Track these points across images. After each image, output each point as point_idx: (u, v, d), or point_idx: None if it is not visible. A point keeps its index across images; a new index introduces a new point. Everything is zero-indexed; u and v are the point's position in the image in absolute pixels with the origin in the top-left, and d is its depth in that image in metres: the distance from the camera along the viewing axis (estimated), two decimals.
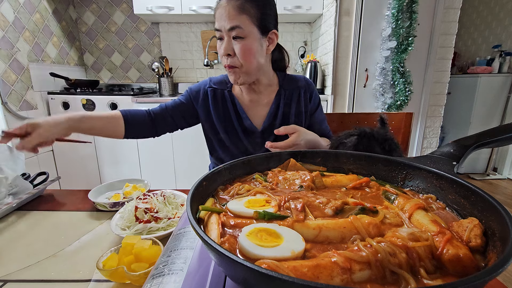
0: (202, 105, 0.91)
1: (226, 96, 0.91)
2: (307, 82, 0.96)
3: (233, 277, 0.26)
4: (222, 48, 0.78)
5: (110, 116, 0.82)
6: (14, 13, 1.88)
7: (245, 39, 0.76)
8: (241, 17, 0.75)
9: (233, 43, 0.77)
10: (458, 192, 0.35)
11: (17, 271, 0.49)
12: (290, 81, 0.94)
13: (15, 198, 0.72)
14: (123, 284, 0.45)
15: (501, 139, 0.42)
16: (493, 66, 2.90)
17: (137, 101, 2.06)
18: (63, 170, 2.19)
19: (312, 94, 0.96)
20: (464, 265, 0.25)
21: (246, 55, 0.78)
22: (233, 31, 0.75)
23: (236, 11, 0.74)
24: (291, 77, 0.96)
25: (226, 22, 0.75)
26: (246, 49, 0.77)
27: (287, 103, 0.92)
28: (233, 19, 0.74)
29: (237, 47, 0.77)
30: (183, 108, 0.92)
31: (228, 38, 0.77)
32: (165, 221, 0.59)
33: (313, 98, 0.96)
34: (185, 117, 0.93)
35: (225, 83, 0.93)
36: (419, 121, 2.11)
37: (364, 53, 1.99)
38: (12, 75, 1.86)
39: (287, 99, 0.92)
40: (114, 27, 2.59)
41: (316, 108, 0.98)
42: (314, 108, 0.97)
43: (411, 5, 1.84)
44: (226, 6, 0.74)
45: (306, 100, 0.94)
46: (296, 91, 0.93)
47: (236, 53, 0.77)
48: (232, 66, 0.80)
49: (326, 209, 0.34)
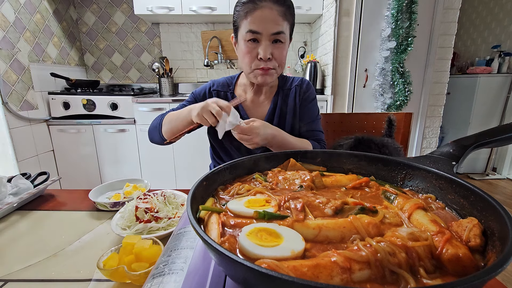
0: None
1: (229, 97, 0.92)
2: (303, 81, 0.97)
3: (233, 277, 0.26)
4: (262, 51, 0.77)
5: None
6: (14, 14, 1.88)
7: (284, 43, 0.79)
8: (284, 23, 0.77)
9: (271, 47, 0.78)
10: (458, 192, 0.35)
11: (18, 271, 0.49)
12: (287, 81, 0.96)
13: (15, 198, 0.72)
14: (123, 283, 0.45)
15: (500, 139, 0.43)
16: (493, 66, 2.91)
17: (138, 101, 2.06)
18: (63, 170, 2.19)
19: (307, 89, 0.95)
20: (463, 265, 0.25)
21: (283, 59, 0.81)
22: (278, 36, 0.77)
23: (281, 16, 0.76)
24: (289, 78, 0.97)
25: (271, 26, 0.75)
26: (284, 54, 0.81)
27: (284, 102, 0.93)
28: (279, 24, 0.75)
29: (278, 51, 0.78)
30: None
31: (269, 42, 0.77)
32: (165, 221, 0.59)
33: (308, 92, 0.95)
34: None
35: (227, 85, 0.94)
36: (418, 121, 2.11)
37: (364, 54, 1.99)
38: (13, 75, 1.86)
39: (284, 98, 0.93)
40: (114, 27, 2.59)
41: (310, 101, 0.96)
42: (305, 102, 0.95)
43: (411, 5, 1.84)
44: (271, 10, 0.74)
45: (301, 94, 0.95)
46: (293, 90, 0.94)
47: (275, 56, 0.79)
48: (270, 68, 0.80)
49: (326, 209, 0.35)
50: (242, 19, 0.77)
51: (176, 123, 0.83)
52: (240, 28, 0.79)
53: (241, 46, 0.81)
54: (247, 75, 0.86)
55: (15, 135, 1.85)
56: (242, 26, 0.78)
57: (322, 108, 2.09)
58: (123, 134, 2.13)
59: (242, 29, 0.78)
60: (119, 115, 2.10)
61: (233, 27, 0.84)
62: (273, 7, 0.74)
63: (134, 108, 2.08)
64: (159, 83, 2.49)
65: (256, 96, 0.93)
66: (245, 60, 0.81)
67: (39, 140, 2.04)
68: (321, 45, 2.29)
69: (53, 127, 2.10)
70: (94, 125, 2.10)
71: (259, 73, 0.81)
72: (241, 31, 0.79)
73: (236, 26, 0.82)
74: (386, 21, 1.89)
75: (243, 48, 0.80)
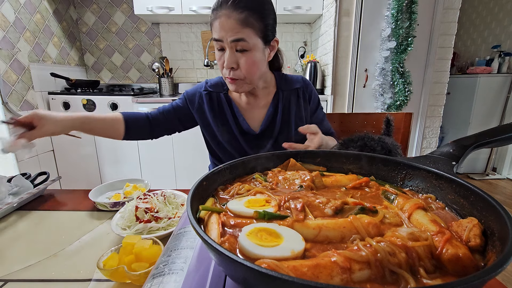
0: (198, 109, 0.90)
1: (223, 99, 0.89)
2: (305, 82, 0.95)
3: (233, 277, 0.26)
4: (225, 61, 0.75)
5: (111, 119, 0.82)
6: (15, 14, 1.88)
7: (250, 51, 0.74)
8: (245, 30, 0.72)
9: (236, 55, 0.74)
10: (458, 192, 0.35)
11: (18, 271, 0.49)
12: (287, 82, 0.93)
13: (15, 198, 0.72)
14: (123, 283, 0.45)
15: (500, 139, 0.43)
16: (492, 66, 2.91)
17: (138, 101, 2.06)
18: (63, 170, 2.19)
19: (311, 94, 0.95)
20: (463, 265, 0.25)
21: (250, 68, 0.76)
22: (238, 44, 0.73)
23: (240, 24, 0.71)
24: (288, 78, 0.94)
25: (229, 34, 0.71)
26: (251, 62, 0.75)
27: (286, 106, 0.90)
28: (238, 32, 0.71)
29: (242, 61, 0.75)
30: (179, 112, 0.91)
31: (231, 50, 0.74)
32: (165, 221, 0.59)
33: (312, 98, 0.96)
34: (181, 120, 0.92)
35: (221, 85, 0.91)
36: (418, 121, 2.11)
37: (364, 54, 1.99)
38: (13, 75, 1.86)
39: (286, 102, 0.91)
40: (114, 27, 2.59)
41: (316, 107, 0.98)
42: (314, 108, 0.97)
43: (411, 5, 1.84)
44: (228, 18, 0.71)
45: (306, 101, 0.94)
46: (294, 92, 0.92)
47: (241, 66, 0.75)
48: (235, 79, 0.77)
49: (326, 209, 0.35)
50: (211, 27, 0.77)
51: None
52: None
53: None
54: None
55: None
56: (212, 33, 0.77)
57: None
58: None
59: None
60: None
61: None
62: (231, 15, 0.71)
63: (134, 108, 2.08)
64: (159, 83, 2.49)
65: (252, 98, 0.90)
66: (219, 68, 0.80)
67: (39, 140, 2.03)
68: (321, 45, 2.29)
69: None
70: None
71: (228, 81, 0.80)
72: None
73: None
74: (386, 21, 1.89)
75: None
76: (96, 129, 0.80)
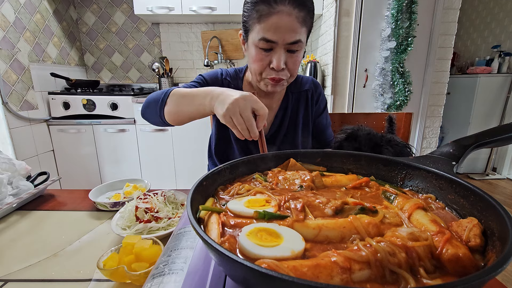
0: None
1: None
2: (315, 84, 0.91)
3: (233, 277, 0.26)
4: (276, 61, 0.67)
5: None
6: (14, 14, 1.88)
7: (300, 51, 0.70)
8: (302, 30, 0.67)
9: (286, 56, 0.69)
10: (458, 192, 0.35)
11: (18, 271, 0.49)
12: (297, 83, 0.89)
13: (15, 198, 0.72)
14: (123, 283, 0.45)
15: (501, 139, 0.43)
16: (492, 66, 2.91)
17: (138, 101, 2.06)
18: (63, 170, 2.19)
19: (319, 97, 0.92)
20: (463, 265, 0.25)
21: (296, 68, 0.72)
22: (294, 46, 0.67)
23: (300, 23, 0.65)
24: (298, 79, 0.90)
25: (288, 35, 0.65)
26: (298, 62, 0.72)
27: (294, 109, 0.87)
28: (297, 32, 0.65)
29: (292, 61, 0.70)
30: None
31: (283, 51, 0.68)
32: (165, 221, 0.59)
33: (320, 101, 0.92)
34: None
35: (236, 78, 0.85)
36: (418, 121, 2.11)
37: (364, 54, 1.99)
38: (13, 75, 1.86)
39: (295, 105, 0.87)
40: (114, 27, 2.59)
41: (322, 111, 0.94)
42: (319, 112, 0.93)
43: (411, 5, 1.84)
44: (289, 16, 0.63)
45: (313, 103, 0.90)
46: (304, 94, 0.88)
47: (289, 66, 0.70)
48: (282, 79, 0.72)
49: (326, 209, 0.34)
50: (255, 22, 0.67)
51: (186, 108, 0.65)
52: (251, 31, 0.69)
53: (251, 51, 0.71)
54: (255, 82, 0.77)
55: (15, 135, 1.85)
56: (255, 30, 0.68)
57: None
58: (123, 134, 2.13)
59: (254, 33, 0.68)
60: (119, 115, 2.10)
61: (242, 26, 0.74)
62: (293, 12, 0.63)
63: (134, 108, 2.08)
64: (159, 83, 2.49)
65: (265, 100, 0.84)
66: (254, 67, 0.72)
67: (39, 140, 2.04)
68: (321, 45, 2.29)
69: (53, 127, 2.11)
70: (94, 125, 2.10)
71: (269, 83, 0.73)
72: (253, 35, 0.69)
73: (247, 28, 0.71)
74: (386, 21, 1.89)
75: (253, 54, 0.70)
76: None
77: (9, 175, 0.75)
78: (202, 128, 2.05)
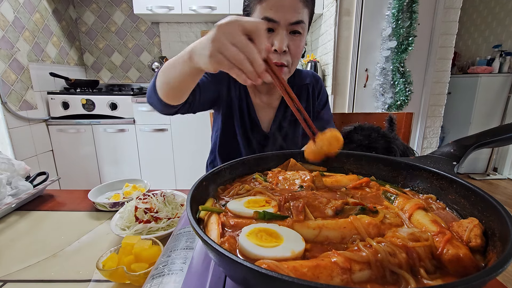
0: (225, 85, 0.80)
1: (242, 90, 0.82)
2: (315, 78, 0.90)
3: (233, 277, 0.26)
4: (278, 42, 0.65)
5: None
6: (14, 13, 1.88)
7: (302, 35, 0.68)
8: (304, 10, 0.66)
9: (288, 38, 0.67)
10: (458, 192, 0.35)
11: (17, 271, 0.49)
12: (297, 77, 0.87)
13: (14, 198, 0.72)
14: (123, 284, 0.44)
15: (501, 139, 0.42)
16: (493, 66, 2.90)
17: (137, 101, 2.06)
18: (63, 170, 2.19)
19: (320, 91, 0.91)
20: (464, 265, 0.25)
21: (298, 53, 0.70)
22: (297, 26, 0.66)
23: (303, 2, 0.65)
24: (299, 73, 0.88)
25: (291, 15, 0.64)
26: (301, 47, 0.69)
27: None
28: (300, 12, 0.64)
29: (294, 44, 0.68)
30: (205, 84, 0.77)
31: (286, 32, 0.66)
32: (165, 221, 0.59)
33: (321, 95, 0.91)
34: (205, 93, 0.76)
35: None
36: (419, 121, 2.11)
37: (364, 53, 1.98)
38: (12, 75, 1.86)
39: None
40: (114, 27, 2.59)
41: (323, 106, 0.93)
42: (321, 106, 0.92)
43: (411, 5, 1.84)
44: None
45: (314, 97, 0.89)
46: (304, 88, 0.87)
47: (291, 49, 0.68)
48: (284, 65, 0.69)
49: (326, 209, 0.34)
50: (256, 3, 0.66)
51: (173, 74, 0.54)
52: (252, 13, 0.68)
53: None
54: None
55: (14, 135, 1.85)
56: (256, 12, 0.67)
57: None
58: (123, 134, 2.13)
59: (255, 15, 0.67)
60: (118, 115, 2.10)
61: (243, 12, 0.72)
62: None
63: (133, 108, 2.08)
64: None
65: (265, 96, 0.84)
66: None
67: (38, 140, 2.04)
68: (321, 45, 2.28)
69: (52, 127, 2.10)
70: (94, 125, 2.10)
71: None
72: (254, 17, 0.67)
73: (248, 12, 0.70)
74: (387, 20, 1.89)
75: None
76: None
77: (8, 175, 0.74)
78: (202, 128, 2.05)
